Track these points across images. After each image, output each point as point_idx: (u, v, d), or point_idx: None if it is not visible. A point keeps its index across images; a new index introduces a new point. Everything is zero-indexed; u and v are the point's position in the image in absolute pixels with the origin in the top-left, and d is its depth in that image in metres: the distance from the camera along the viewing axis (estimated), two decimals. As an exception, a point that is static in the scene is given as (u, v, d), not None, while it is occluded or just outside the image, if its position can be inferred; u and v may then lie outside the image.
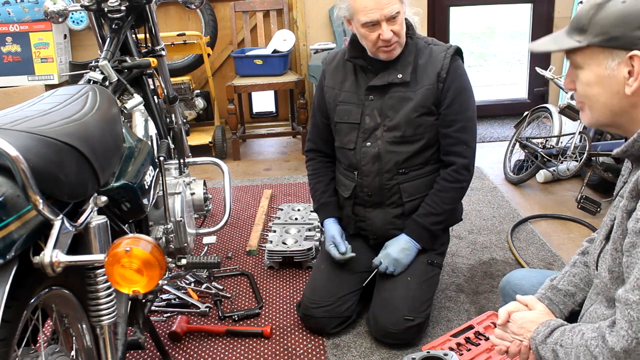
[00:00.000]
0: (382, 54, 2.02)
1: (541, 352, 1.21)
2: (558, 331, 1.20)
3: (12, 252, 1.05)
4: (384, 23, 1.93)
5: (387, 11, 1.92)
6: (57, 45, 4.16)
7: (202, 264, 1.58)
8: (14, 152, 1.03)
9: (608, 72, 1.08)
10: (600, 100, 1.12)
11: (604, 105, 1.12)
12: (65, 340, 1.40)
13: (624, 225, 1.10)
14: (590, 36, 1.09)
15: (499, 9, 8.64)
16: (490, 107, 4.92)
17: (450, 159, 2.10)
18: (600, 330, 1.08)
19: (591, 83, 1.11)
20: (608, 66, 1.08)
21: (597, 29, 1.08)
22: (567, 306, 1.35)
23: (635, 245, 1.04)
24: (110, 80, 1.83)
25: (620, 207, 1.12)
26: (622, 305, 1.04)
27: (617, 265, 1.12)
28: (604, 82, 1.10)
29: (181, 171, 2.33)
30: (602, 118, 1.14)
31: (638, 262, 1.03)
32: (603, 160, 3.06)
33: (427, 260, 2.17)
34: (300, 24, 4.40)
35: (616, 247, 1.11)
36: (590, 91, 1.12)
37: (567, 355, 1.14)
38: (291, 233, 2.76)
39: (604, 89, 1.10)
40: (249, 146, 4.58)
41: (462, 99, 2.07)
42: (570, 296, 1.36)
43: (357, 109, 2.12)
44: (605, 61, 1.08)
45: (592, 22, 1.08)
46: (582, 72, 1.13)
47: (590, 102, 1.14)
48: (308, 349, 2.10)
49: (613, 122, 1.14)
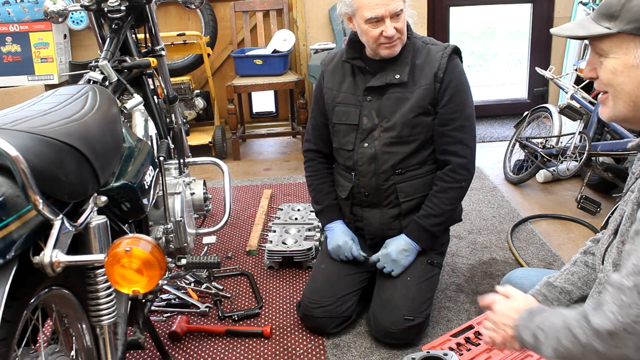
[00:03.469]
0: (383, 50, 2.01)
1: (523, 337, 1.21)
2: (540, 315, 1.20)
3: (12, 252, 1.05)
4: (387, 19, 1.93)
5: (392, 7, 1.92)
6: (57, 45, 4.16)
7: (202, 264, 1.58)
8: (14, 152, 1.03)
9: (637, 61, 1.07)
10: (625, 90, 1.10)
11: (628, 95, 1.10)
12: (65, 340, 1.40)
13: (634, 217, 1.08)
14: (622, 23, 1.07)
15: (499, 9, 8.64)
16: (490, 107, 4.92)
17: (446, 158, 2.09)
18: (583, 311, 1.07)
19: (617, 71, 1.10)
20: (637, 55, 1.07)
21: (629, 16, 1.06)
22: (561, 303, 1.35)
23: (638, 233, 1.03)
24: (110, 80, 1.83)
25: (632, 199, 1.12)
26: (613, 289, 1.02)
27: (621, 259, 1.11)
28: (631, 71, 1.08)
29: (181, 171, 2.33)
30: (624, 109, 1.13)
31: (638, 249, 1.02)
32: (603, 160, 3.06)
33: (427, 260, 2.17)
34: (300, 24, 4.40)
35: (623, 239, 1.10)
36: (616, 80, 1.11)
37: (547, 338, 1.13)
38: (291, 233, 2.76)
39: (630, 78, 1.09)
40: (249, 146, 4.58)
41: (460, 98, 2.06)
42: (566, 294, 1.35)
43: (355, 110, 2.12)
44: (635, 50, 1.07)
45: (624, 8, 1.07)
46: (607, 60, 1.11)
47: (615, 91, 1.12)
48: (308, 349, 2.10)
49: (634, 116, 1.13)
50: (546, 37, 4.61)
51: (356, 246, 2.19)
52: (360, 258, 2.18)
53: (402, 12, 1.95)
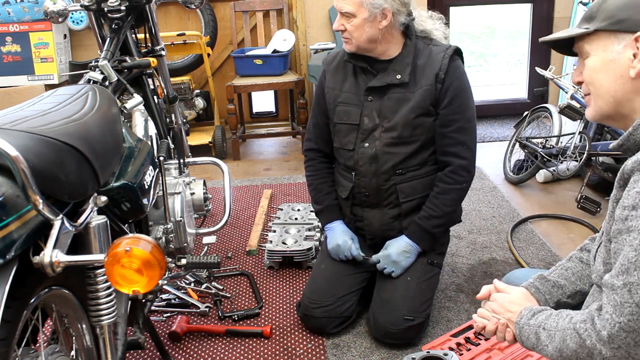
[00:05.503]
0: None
1: (523, 334, 1.23)
2: (543, 314, 1.21)
3: (12, 252, 1.05)
4: (339, 14, 2.02)
5: (340, 5, 2.00)
6: (57, 45, 4.16)
7: (202, 264, 1.58)
8: (14, 152, 1.03)
9: (613, 55, 1.12)
10: (604, 86, 1.14)
11: (607, 91, 1.14)
12: (65, 340, 1.40)
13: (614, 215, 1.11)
14: (598, 21, 1.13)
15: (498, 9, 8.64)
16: (490, 107, 4.92)
17: (447, 159, 2.09)
18: (590, 313, 1.09)
19: (597, 69, 1.14)
20: (614, 50, 1.11)
21: (604, 14, 1.12)
22: (554, 296, 1.36)
23: (622, 232, 1.05)
24: (110, 80, 1.83)
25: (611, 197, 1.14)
26: (608, 290, 1.05)
27: (609, 257, 1.12)
28: (608, 66, 1.12)
29: (181, 171, 2.33)
30: (605, 106, 1.15)
31: (624, 248, 1.04)
32: (603, 160, 3.06)
33: (427, 260, 2.17)
34: (300, 24, 4.40)
35: (609, 237, 1.12)
36: (596, 77, 1.15)
37: (551, 337, 1.15)
38: (291, 233, 2.76)
39: (608, 73, 1.13)
40: (249, 146, 4.58)
41: (461, 99, 2.06)
42: (559, 288, 1.36)
43: (356, 110, 2.12)
44: (612, 46, 1.12)
45: (600, 9, 1.13)
46: (589, 59, 1.16)
47: (595, 89, 1.16)
48: (308, 349, 2.10)
49: (616, 112, 1.15)
50: (546, 37, 4.60)
51: (355, 246, 2.19)
52: (359, 258, 2.18)
53: (351, 17, 1.98)
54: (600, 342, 1.04)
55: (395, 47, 2.07)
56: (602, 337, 1.04)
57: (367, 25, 1.98)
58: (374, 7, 1.96)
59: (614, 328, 1.02)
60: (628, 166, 1.08)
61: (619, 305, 1.02)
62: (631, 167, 1.07)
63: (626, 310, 1.01)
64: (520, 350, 1.93)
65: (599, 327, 1.05)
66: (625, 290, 1.01)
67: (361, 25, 1.98)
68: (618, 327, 1.01)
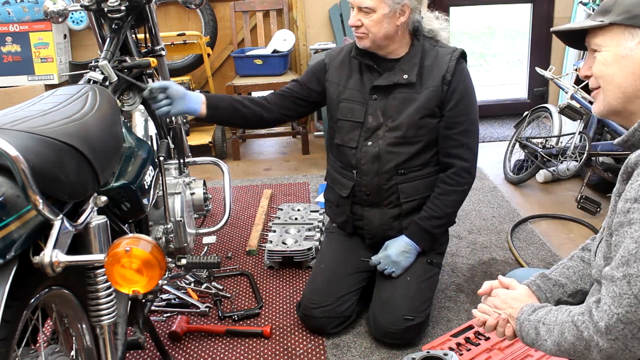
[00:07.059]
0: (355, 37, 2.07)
1: (523, 329, 1.23)
2: (543, 310, 1.22)
3: (12, 252, 1.05)
4: (356, 9, 2.00)
5: (359, 0, 1.98)
6: (57, 45, 4.16)
7: (202, 264, 1.58)
8: (14, 152, 1.03)
9: (626, 51, 1.11)
10: (614, 81, 1.13)
11: (617, 86, 1.13)
12: (65, 340, 1.40)
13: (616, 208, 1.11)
14: (613, 15, 1.12)
15: (498, 9, 8.64)
16: (490, 107, 4.92)
17: (450, 160, 2.10)
18: (588, 306, 1.09)
19: (608, 63, 1.13)
20: (627, 46, 1.11)
21: (620, 8, 1.11)
22: (554, 295, 1.36)
23: (623, 224, 1.05)
24: (110, 80, 1.83)
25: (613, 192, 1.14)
26: (607, 282, 1.05)
27: (610, 251, 1.13)
28: (620, 61, 1.12)
29: (181, 171, 2.33)
30: (614, 101, 1.15)
31: (624, 240, 1.04)
32: (603, 160, 3.06)
33: (427, 260, 2.17)
34: (300, 24, 4.40)
35: (610, 232, 1.12)
36: (606, 70, 1.14)
37: (550, 332, 1.15)
38: (291, 233, 2.76)
39: (619, 68, 1.12)
40: (249, 146, 4.58)
41: (466, 102, 2.07)
42: (560, 286, 1.37)
43: (360, 108, 2.12)
44: (625, 41, 1.11)
45: (616, 2, 1.12)
46: (600, 53, 1.15)
47: (605, 83, 1.15)
48: (308, 349, 2.10)
49: (624, 109, 1.15)
50: (546, 37, 4.61)
51: None
52: None
53: (371, 12, 1.96)
54: (597, 334, 1.04)
55: (403, 46, 2.07)
56: (599, 328, 1.04)
57: (386, 21, 1.98)
58: (394, 3, 1.96)
59: (612, 319, 1.02)
60: (632, 159, 1.08)
61: (618, 297, 1.02)
62: (635, 160, 1.07)
63: (625, 301, 1.01)
64: (520, 350, 1.93)
65: (597, 319, 1.05)
66: (624, 282, 1.01)
67: (380, 20, 1.98)
68: (616, 318, 1.01)
